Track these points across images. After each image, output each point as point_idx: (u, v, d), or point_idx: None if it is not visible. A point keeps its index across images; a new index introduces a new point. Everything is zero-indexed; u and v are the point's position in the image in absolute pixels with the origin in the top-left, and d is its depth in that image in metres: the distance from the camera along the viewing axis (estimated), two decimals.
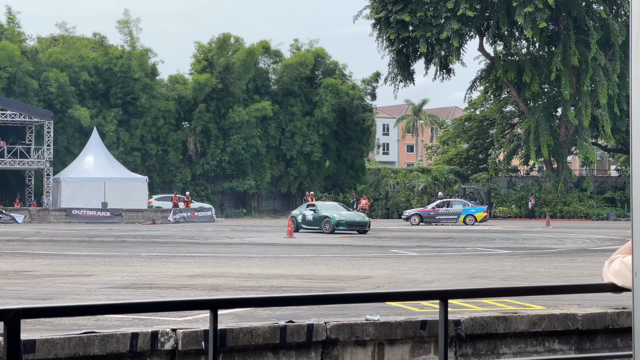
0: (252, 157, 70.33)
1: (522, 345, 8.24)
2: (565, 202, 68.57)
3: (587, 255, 26.84)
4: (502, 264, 23.44)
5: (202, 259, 24.95)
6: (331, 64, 76.42)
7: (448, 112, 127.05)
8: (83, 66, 67.13)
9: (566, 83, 65.92)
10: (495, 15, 66.21)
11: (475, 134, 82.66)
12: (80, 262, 23.12)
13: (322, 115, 72.33)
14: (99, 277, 19.15)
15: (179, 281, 18.34)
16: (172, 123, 68.96)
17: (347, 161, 75.73)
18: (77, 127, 64.59)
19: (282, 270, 21.26)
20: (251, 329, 7.41)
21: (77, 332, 6.49)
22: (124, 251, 28.01)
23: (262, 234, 40.72)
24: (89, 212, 55.01)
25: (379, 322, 8.03)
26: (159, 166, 68.76)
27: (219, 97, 70.05)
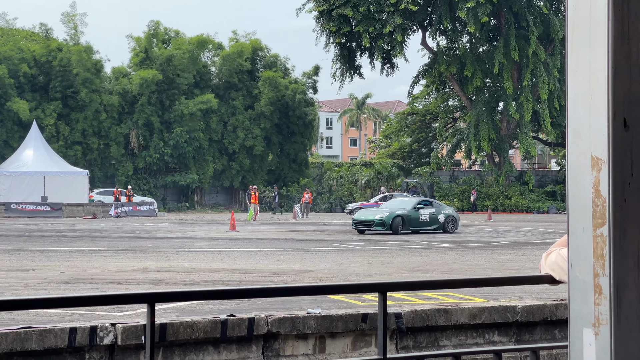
0: (195, 150, 69.95)
1: (462, 338, 8.31)
2: (506, 196, 69.38)
3: (527, 249, 27.20)
4: (444, 257, 23.65)
5: (144, 253, 24.75)
6: (272, 57, 76.30)
7: (391, 106, 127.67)
8: (22, 58, 66.12)
9: (508, 77, 66.68)
10: (438, 9, 66.66)
11: (418, 128, 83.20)
12: (19, 257, 22.78)
13: (262, 109, 72.20)
14: (39, 272, 18.89)
15: (120, 276, 18.17)
16: (114, 117, 68.26)
17: (290, 155, 75.70)
18: (16, 120, 63.61)
19: (224, 264, 21.19)
20: (192, 323, 7.37)
21: (15, 327, 6.39)
22: (64, 246, 27.66)
23: (205, 228, 40.55)
24: (29, 206, 54.19)
25: (320, 316, 8.04)
26: (101, 160, 68.04)
27: (161, 89, 69.49)
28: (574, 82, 2.82)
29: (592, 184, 2.74)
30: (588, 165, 2.74)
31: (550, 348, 5.26)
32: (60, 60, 66.31)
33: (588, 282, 2.78)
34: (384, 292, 3.61)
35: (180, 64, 69.82)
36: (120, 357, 6.98)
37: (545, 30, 66.33)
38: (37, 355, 6.52)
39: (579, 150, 2.78)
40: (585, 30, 2.75)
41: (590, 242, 2.77)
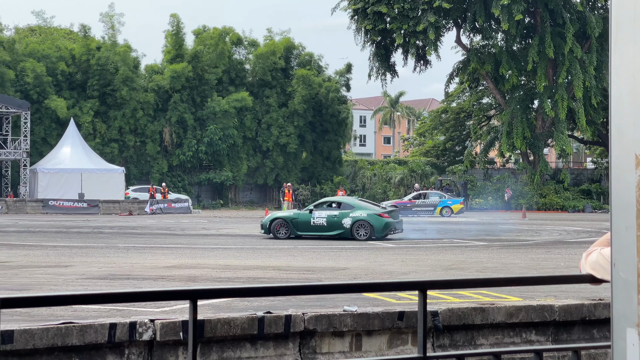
0: (229, 148, 70.19)
1: (499, 336, 8.28)
2: (541, 194, 68.91)
3: (563, 247, 27.01)
4: (479, 256, 23.56)
5: (179, 250, 24.91)
6: (306, 55, 76.38)
7: (425, 104, 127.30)
8: (60, 57, 66.75)
9: (542, 75, 66.22)
10: (472, 7, 66.36)
11: (452, 126, 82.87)
12: (58, 253, 23.02)
13: (295, 106, 72.33)
14: (76, 268, 19.09)
15: (156, 272, 18.32)
16: (150, 114, 68.71)
17: (323, 153, 75.73)
18: (54, 117, 64.22)
19: (259, 261, 21.28)
20: (229, 319, 7.41)
21: (55, 322, 6.47)
22: (101, 242, 27.92)
23: (239, 226, 40.70)
24: (66, 203, 54.74)
25: (357, 313, 8.06)
26: (137, 157, 68.49)
27: (192, 86, 69.79)
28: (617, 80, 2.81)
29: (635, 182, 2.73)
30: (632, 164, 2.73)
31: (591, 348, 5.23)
32: (98, 58, 66.87)
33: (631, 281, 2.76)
34: (423, 290, 3.61)
35: (208, 60, 70.09)
36: (159, 353, 7.03)
37: (581, 27, 65.77)
38: (77, 351, 6.59)
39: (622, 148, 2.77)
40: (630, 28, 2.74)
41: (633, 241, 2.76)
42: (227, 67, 72.25)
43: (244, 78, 73.74)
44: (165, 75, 69.58)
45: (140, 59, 71.77)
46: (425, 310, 3.56)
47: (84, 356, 6.61)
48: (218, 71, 70.61)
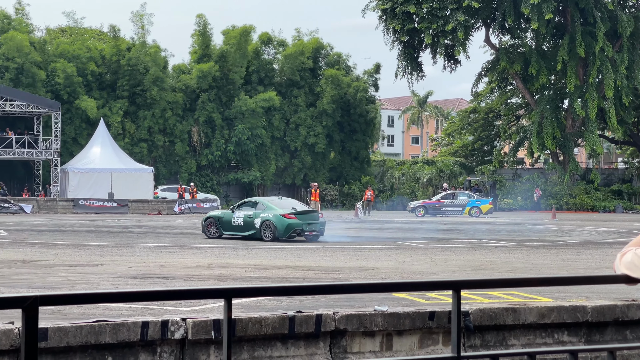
0: (257, 147, 70.33)
1: (530, 337, 8.25)
2: (571, 195, 68.47)
3: (594, 248, 26.81)
4: (508, 256, 23.45)
5: (208, 249, 25.00)
6: (334, 55, 76.38)
7: (453, 103, 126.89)
8: (90, 57, 67.23)
9: (572, 75, 65.79)
10: (502, 6, 66.05)
11: (480, 126, 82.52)
12: (88, 252, 23.18)
13: (324, 106, 72.36)
14: (107, 267, 19.21)
15: (185, 272, 18.39)
16: (179, 114, 69.02)
17: (351, 153, 75.71)
18: (84, 117, 64.67)
19: (287, 261, 21.31)
20: (260, 318, 7.43)
21: (89, 320, 6.52)
22: (130, 241, 28.08)
23: None
24: (96, 202, 55.12)
25: (388, 313, 8.05)
26: (165, 157, 68.81)
27: (219, 85, 70.01)
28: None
29: None
30: None
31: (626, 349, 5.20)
32: (129, 59, 67.28)
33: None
34: (457, 289, 3.60)
35: (235, 59, 70.26)
36: (190, 352, 7.07)
37: (612, 26, 65.27)
38: (110, 349, 6.64)
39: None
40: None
41: None
42: (256, 67, 72.43)
43: (273, 78, 73.87)
44: (192, 75, 69.87)
45: (168, 58, 72.17)
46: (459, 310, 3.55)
47: (117, 354, 6.66)
48: (242, 70, 70.73)
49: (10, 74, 62.77)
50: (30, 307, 2.91)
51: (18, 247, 24.82)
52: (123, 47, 68.37)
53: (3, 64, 63.19)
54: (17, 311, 2.99)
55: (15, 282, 16.19)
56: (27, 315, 2.91)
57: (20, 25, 66.65)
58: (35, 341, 2.81)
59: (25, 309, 2.90)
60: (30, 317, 2.91)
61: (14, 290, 14.56)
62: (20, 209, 52.85)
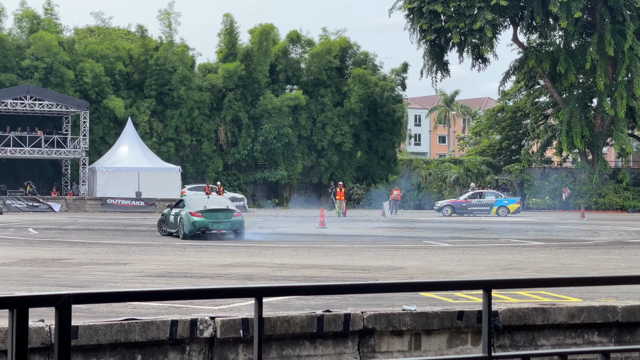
0: (284, 146, 70.40)
1: (560, 337, 8.19)
2: (600, 194, 68.00)
3: (623, 248, 26.60)
4: (537, 256, 23.31)
5: (235, 248, 25.05)
6: (361, 54, 76.31)
7: (480, 102, 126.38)
8: (118, 57, 67.60)
9: (601, 73, 65.31)
10: (530, 5, 65.71)
11: (508, 125, 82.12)
12: (116, 251, 23.31)
13: (351, 105, 72.33)
14: (135, 265, 19.31)
15: (213, 270, 18.44)
16: (206, 113, 69.22)
17: (378, 152, 75.61)
18: (112, 117, 65.03)
19: (314, 260, 21.30)
20: (288, 317, 7.44)
21: (119, 319, 6.55)
22: (158, 240, 28.20)
23: (295, 224, 40.79)
24: (124, 201, 55.44)
25: (416, 312, 8.03)
26: (193, 156, 69.04)
27: (245, 84, 70.16)
28: None
29: None
30: None
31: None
32: (157, 58, 67.58)
33: None
34: (488, 289, 3.59)
35: (261, 58, 70.37)
36: (219, 350, 7.09)
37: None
38: (140, 347, 6.67)
39: None
40: None
41: None
42: (283, 66, 72.52)
43: (300, 77, 73.92)
44: (219, 75, 70.05)
45: (195, 58, 72.42)
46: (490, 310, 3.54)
47: (147, 352, 6.69)
48: (266, 69, 70.78)
49: (40, 73, 63.25)
50: (64, 305, 2.94)
51: (47, 246, 25.01)
52: (151, 47, 68.70)
53: (32, 64, 63.70)
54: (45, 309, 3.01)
55: (44, 280, 16.31)
56: (61, 313, 2.93)
57: (49, 25, 67.12)
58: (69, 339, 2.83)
59: (59, 307, 2.92)
60: (63, 315, 2.93)
61: (43, 289, 14.68)
62: (49, 208, 53.29)
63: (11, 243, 26.14)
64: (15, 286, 15.13)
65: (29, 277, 16.67)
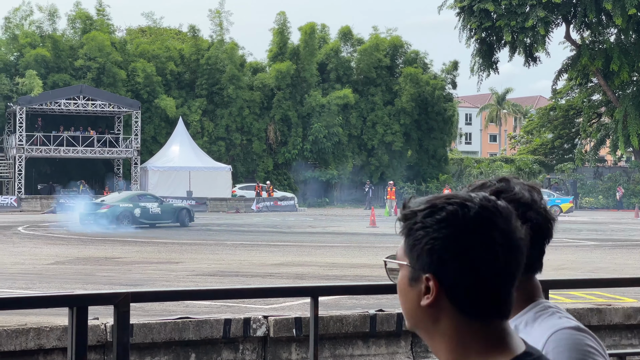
0: (334, 146, 70.42)
1: (616, 338, 8.08)
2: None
3: None
4: (590, 256, 23.04)
5: (286, 247, 25.11)
6: (412, 52, 76.06)
7: (532, 101, 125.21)
8: (169, 57, 68.18)
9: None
10: (583, 2, 64.89)
11: (560, 124, 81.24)
12: (168, 250, 23.51)
13: (402, 104, 72.12)
14: (186, 264, 19.45)
15: (264, 269, 18.51)
16: (256, 112, 69.50)
17: (429, 151, 75.30)
18: (164, 116, 65.59)
19: (365, 259, 21.27)
20: (341, 317, 7.43)
21: (172, 317, 6.61)
22: (209, 239, 28.38)
23: (345, 223, 40.78)
24: (175, 200, 55.81)
25: None
26: (243, 155, 69.36)
27: (295, 83, 70.33)
28: None
29: None
30: None
31: None
32: (208, 58, 68.04)
33: None
34: (546, 289, 3.56)
35: (304, 57, 70.45)
36: (272, 349, 7.10)
37: None
38: (193, 345, 6.71)
39: None
40: None
41: None
42: (334, 65, 72.54)
43: (350, 76, 73.89)
44: (270, 74, 70.29)
45: (246, 57, 72.70)
46: None
47: (200, 351, 6.72)
48: (312, 68, 70.84)
49: (92, 73, 64.04)
50: (122, 303, 2.97)
51: (100, 245, 25.30)
52: (202, 47, 69.20)
53: (85, 64, 64.53)
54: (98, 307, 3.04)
55: (97, 278, 16.50)
56: (119, 311, 2.96)
57: (101, 26, 67.92)
58: (127, 337, 2.86)
59: (117, 305, 2.95)
60: (122, 313, 2.97)
61: (97, 287, 14.85)
62: None
63: (65, 242, 26.50)
64: (70, 284, 15.34)
65: (83, 276, 16.88)
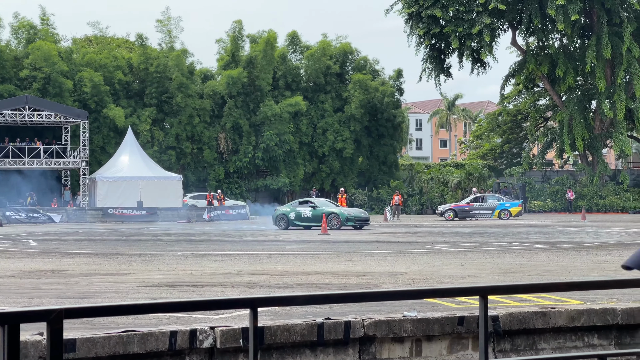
0: (285, 153, 70.39)
1: (561, 341, 8.18)
2: (601, 196, 68.00)
3: (624, 249, 26.57)
4: (538, 259, 23.29)
5: (238, 256, 25.01)
6: (361, 59, 76.37)
7: (481, 106, 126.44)
8: (117, 66, 67.63)
9: (600, 76, 65.36)
10: (527, 8, 65.76)
11: (508, 128, 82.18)
12: (117, 261, 23.28)
13: (352, 111, 72.37)
14: (136, 275, 19.27)
15: (214, 279, 18.40)
16: (206, 121, 69.23)
17: (379, 157, 75.62)
18: (112, 126, 65.04)
19: (317, 267, 21.26)
20: (289, 326, 7.43)
21: (117, 330, 6.54)
22: (160, 249, 28.16)
23: (297, 231, 40.76)
24: (125, 211, 55.39)
25: (417, 319, 8.01)
26: (194, 164, 69.03)
27: (247, 92, 70.23)
28: None
29: None
30: None
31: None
32: (157, 66, 67.62)
33: None
34: (484, 295, 3.57)
35: (261, 64, 70.47)
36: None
37: (639, 26, 64.83)
38: (138, 358, 6.66)
39: None
40: None
41: None
42: (283, 72, 72.58)
43: (299, 83, 73.97)
44: (221, 82, 70.11)
45: (195, 65, 72.39)
46: (486, 316, 3.52)
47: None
48: (269, 77, 70.88)
49: (38, 84, 63.31)
50: (55, 320, 2.92)
51: (47, 257, 24.97)
52: (151, 55, 68.74)
53: (30, 74, 63.76)
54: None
55: (44, 292, 16.28)
56: (52, 328, 2.91)
57: (46, 35, 67.18)
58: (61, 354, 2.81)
59: (50, 322, 2.91)
60: (55, 330, 2.92)
61: (43, 301, 14.65)
62: (50, 219, 53.24)
63: (11, 255, 26.11)
64: (15, 298, 15.11)
65: (29, 289, 16.64)
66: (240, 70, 69.44)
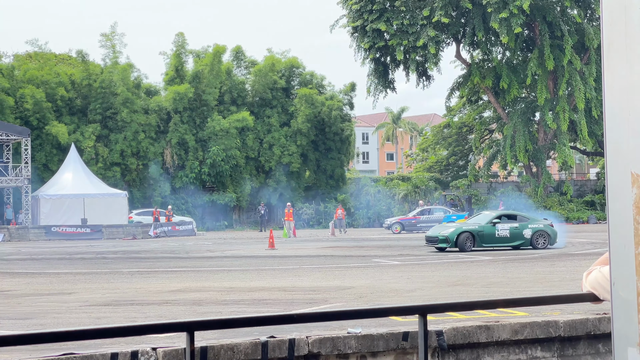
0: (232, 168, 70.16)
1: (504, 354, 8.23)
2: (545, 206, 68.82)
3: (568, 260, 26.92)
4: (484, 271, 23.48)
5: (184, 273, 24.83)
6: (307, 74, 76.51)
7: (427, 119, 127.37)
8: (59, 82, 66.86)
9: (542, 88, 66.29)
10: (471, 21, 66.50)
11: (454, 141, 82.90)
12: (61, 280, 22.95)
13: (298, 125, 72.41)
14: (80, 294, 19.01)
15: (160, 297, 18.23)
16: (152, 136, 68.74)
17: (327, 171, 75.72)
18: (55, 143, 64.26)
19: (264, 282, 21.19)
20: (232, 345, 7.36)
21: (56, 354, 6.42)
22: (104, 268, 27.84)
23: (244, 247, 40.62)
24: (69, 228, 54.67)
25: (361, 335, 8.00)
26: (139, 180, 68.47)
27: (192, 107, 69.94)
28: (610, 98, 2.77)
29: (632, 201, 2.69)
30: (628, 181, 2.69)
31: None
32: (102, 81, 67.02)
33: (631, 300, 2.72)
34: (424, 314, 3.57)
35: (208, 80, 70.30)
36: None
37: (579, 39, 65.94)
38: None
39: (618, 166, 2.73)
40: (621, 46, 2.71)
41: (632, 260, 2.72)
42: (228, 87, 72.43)
43: (245, 98, 73.88)
44: (167, 97, 69.74)
45: (141, 80, 71.89)
46: (426, 334, 3.51)
47: None
48: (215, 92, 70.70)
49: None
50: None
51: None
52: (94, 71, 68.10)
53: None
54: None
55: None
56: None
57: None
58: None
59: None
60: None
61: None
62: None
63: None
64: None
65: None
66: (187, 85, 69.17)
